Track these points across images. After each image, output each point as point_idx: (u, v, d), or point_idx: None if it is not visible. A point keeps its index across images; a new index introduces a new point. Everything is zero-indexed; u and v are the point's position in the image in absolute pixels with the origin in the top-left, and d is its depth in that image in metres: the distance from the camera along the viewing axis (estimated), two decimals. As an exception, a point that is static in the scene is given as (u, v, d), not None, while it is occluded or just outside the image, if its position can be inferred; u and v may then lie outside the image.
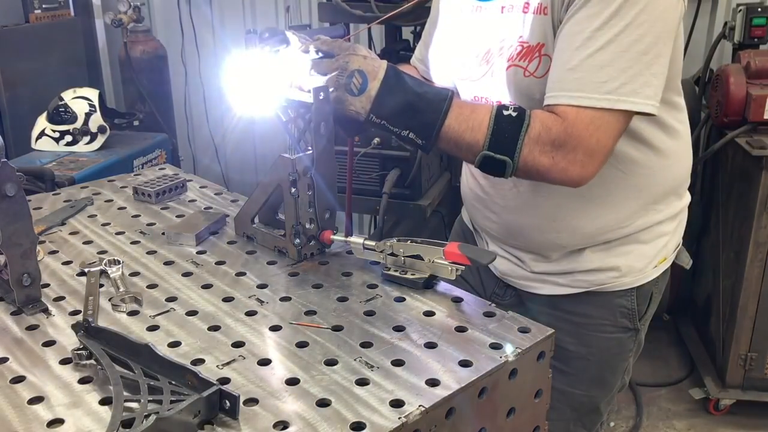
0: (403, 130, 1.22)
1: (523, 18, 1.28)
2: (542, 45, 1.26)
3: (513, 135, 1.19)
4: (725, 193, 3.02)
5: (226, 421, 0.89)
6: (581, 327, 1.48)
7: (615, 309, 1.47)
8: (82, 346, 1.01)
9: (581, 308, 1.48)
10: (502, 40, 1.32)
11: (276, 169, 1.32)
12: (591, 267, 1.44)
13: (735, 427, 2.92)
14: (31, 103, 3.41)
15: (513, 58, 1.29)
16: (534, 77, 1.27)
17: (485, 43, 1.36)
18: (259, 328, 1.11)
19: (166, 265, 1.34)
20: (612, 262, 1.43)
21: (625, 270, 1.44)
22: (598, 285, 1.45)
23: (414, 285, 1.22)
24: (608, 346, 1.50)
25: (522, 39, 1.28)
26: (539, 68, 1.26)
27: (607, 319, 1.47)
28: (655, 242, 1.46)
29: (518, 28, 1.29)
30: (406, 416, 0.89)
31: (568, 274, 1.46)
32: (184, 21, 3.96)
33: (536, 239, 1.45)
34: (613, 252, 1.43)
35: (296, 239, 1.33)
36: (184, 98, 4.09)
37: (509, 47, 1.30)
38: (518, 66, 1.29)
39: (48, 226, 1.51)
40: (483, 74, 1.38)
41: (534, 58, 1.26)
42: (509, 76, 1.31)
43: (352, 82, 1.19)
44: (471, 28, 1.40)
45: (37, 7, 3.64)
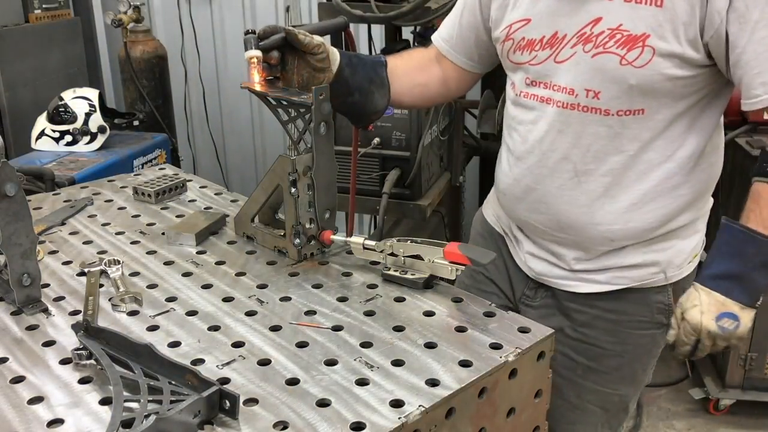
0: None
1: (624, 6, 1.26)
2: (647, 36, 1.24)
3: None
4: (725, 193, 3.02)
5: (226, 421, 0.89)
6: (618, 324, 1.48)
7: (653, 305, 1.47)
8: (82, 346, 1.01)
9: (619, 305, 1.47)
10: (588, 25, 1.29)
11: (276, 169, 1.32)
12: (632, 263, 1.44)
13: (735, 427, 2.92)
14: (31, 103, 3.42)
15: (605, 45, 1.28)
16: (632, 66, 1.26)
17: (553, 26, 1.34)
18: (259, 328, 1.11)
19: (166, 265, 1.34)
20: (652, 258, 1.44)
21: (665, 266, 1.45)
22: (638, 281, 1.45)
23: (414, 285, 1.22)
24: (643, 343, 1.51)
25: (622, 27, 1.26)
26: (639, 58, 1.25)
27: (644, 316, 1.48)
28: (692, 238, 1.49)
29: (616, 16, 1.26)
30: (406, 416, 0.89)
31: (609, 271, 1.45)
32: (184, 21, 3.96)
33: (587, 233, 1.42)
34: (654, 248, 1.43)
35: (296, 239, 1.33)
36: (184, 98, 4.09)
37: (598, 33, 1.28)
38: (613, 53, 1.27)
39: (48, 226, 1.51)
40: (545, 58, 1.36)
41: (635, 47, 1.25)
42: (596, 64, 1.29)
43: (727, 328, 1.23)
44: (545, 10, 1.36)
45: (37, 7, 3.64)
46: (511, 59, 1.43)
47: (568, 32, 1.32)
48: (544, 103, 1.37)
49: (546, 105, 1.37)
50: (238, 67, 4.07)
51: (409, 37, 2.71)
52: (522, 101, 1.43)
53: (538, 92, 1.39)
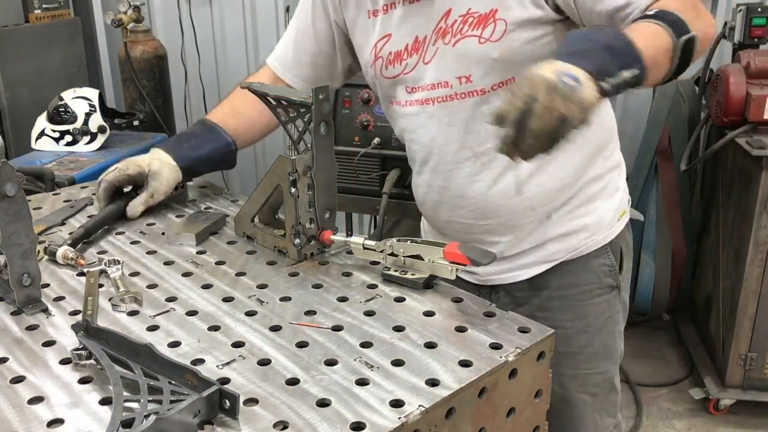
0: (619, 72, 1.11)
1: None
2: (495, 10, 1.32)
3: (676, 17, 1.18)
4: (725, 193, 3.02)
5: (226, 421, 0.89)
6: (571, 300, 1.51)
7: (597, 270, 1.51)
8: (82, 346, 1.01)
9: (565, 279, 1.50)
10: (441, 20, 1.37)
11: (276, 169, 1.32)
12: (561, 232, 1.47)
13: (735, 427, 2.92)
14: (31, 103, 3.42)
15: (461, 31, 1.35)
16: (490, 42, 1.33)
17: (412, 33, 1.41)
18: (259, 328, 1.11)
19: (166, 265, 1.34)
20: (580, 223, 1.48)
21: (594, 228, 1.49)
22: (573, 251, 1.49)
23: (414, 285, 1.22)
24: (601, 311, 1.53)
25: (472, 10, 1.34)
26: (495, 32, 1.33)
27: (593, 283, 1.51)
28: (614, 197, 1.52)
29: (462, 3, 1.34)
30: (406, 416, 0.89)
31: (541, 248, 1.49)
32: (184, 21, 3.96)
33: (508, 208, 1.45)
34: (578, 213, 1.47)
35: (296, 239, 1.33)
36: (184, 98, 4.09)
37: (451, 23, 1.36)
38: (470, 36, 1.35)
39: (48, 226, 1.51)
40: (415, 64, 1.43)
41: (488, 24, 1.33)
42: (459, 51, 1.36)
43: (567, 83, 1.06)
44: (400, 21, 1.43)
45: (37, 7, 3.64)
46: (386, 75, 1.49)
47: (427, 33, 1.40)
48: (426, 104, 1.44)
49: (428, 105, 1.44)
50: (238, 67, 4.06)
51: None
52: (408, 111, 1.48)
53: (418, 96, 1.45)
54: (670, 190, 3.21)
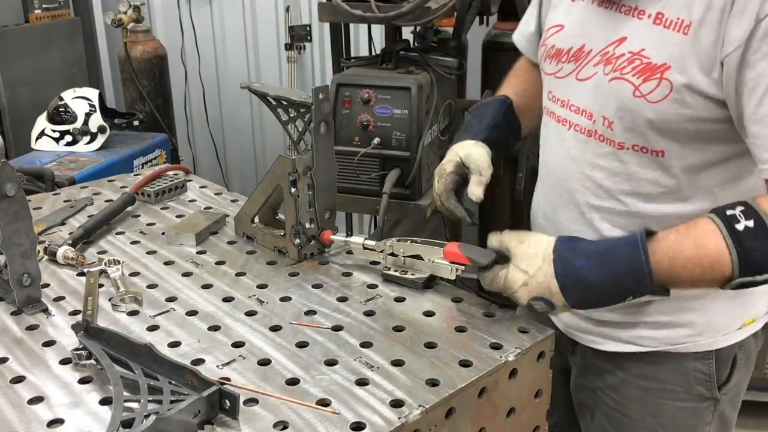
0: (618, 302, 1.08)
1: (652, 28, 1.10)
2: (668, 67, 1.08)
3: (764, 250, 1.00)
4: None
5: (226, 421, 0.89)
6: (648, 392, 1.30)
7: (689, 374, 1.28)
8: (82, 346, 1.01)
9: (649, 370, 1.29)
10: (612, 44, 1.15)
11: (276, 169, 1.32)
12: (659, 320, 1.26)
13: (735, 426, 2.92)
14: (31, 103, 3.42)
15: (622, 70, 1.13)
16: (646, 100, 1.10)
17: (583, 38, 1.21)
18: (259, 328, 1.11)
19: (166, 265, 1.34)
20: (684, 318, 1.25)
21: (701, 328, 1.26)
22: (668, 344, 1.27)
23: (414, 285, 1.22)
24: (681, 417, 1.31)
25: (644, 53, 1.10)
26: (655, 92, 1.09)
27: (679, 385, 1.29)
28: (742, 299, 1.26)
29: (642, 38, 1.11)
30: (406, 416, 0.89)
31: (632, 328, 1.28)
32: (184, 21, 3.96)
33: None
34: (686, 306, 1.24)
35: (296, 239, 1.33)
36: (184, 98, 4.09)
37: (618, 55, 1.14)
38: (627, 81, 1.12)
39: (48, 226, 1.51)
40: (569, 72, 1.23)
41: (652, 78, 1.09)
42: (611, 89, 1.15)
43: (538, 309, 1.07)
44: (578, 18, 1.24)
45: (37, 7, 3.64)
46: (543, 68, 1.32)
47: (594, 47, 1.18)
48: (562, 124, 1.25)
49: (563, 127, 1.25)
50: (238, 67, 4.07)
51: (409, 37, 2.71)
52: (545, 120, 1.32)
53: (557, 111, 1.26)
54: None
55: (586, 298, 1.07)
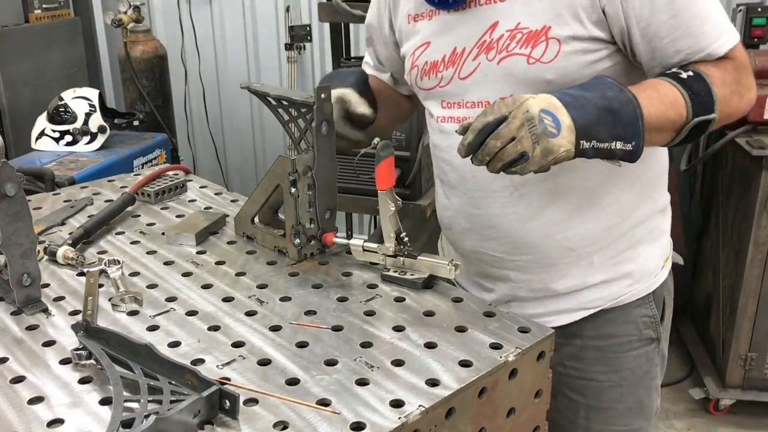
0: (611, 142, 1.09)
1: (516, 3, 1.21)
2: (548, 27, 1.18)
3: (707, 92, 1.15)
4: (725, 193, 3.02)
5: (226, 421, 0.89)
6: (607, 351, 1.38)
7: (638, 321, 1.38)
8: (82, 346, 1.01)
9: (602, 329, 1.37)
10: (485, 33, 1.24)
11: (276, 169, 1.32)
12: (602, 279, 1.35)
13: (735, 427, 2.92)
14: (31, 103, 3.42)
15: (508, 47, 1.22)
16: (541, 63, 1.20)
17: (451, 43, 1.29)
18: (259, 328, 1.11)
19: (166, 265, 1.34)
20: (622, 270, 1.35)
21: (638, 275, 1.37)
22: (613, 299, 1.36)
23: (413, 285, 1.22)
24: (639, 364, 1.40)
25: (521, 25, 1.20)
26: (546, 53, 1.19)
27: (632, 334, 1.38)
28: (659, 240, 1.41)
29: (513, 16, 1.21)
30: (406, 416, 0.89)
31: (578, 294, 1.36)
32: (184, 21, 3.96)
33: (544, 248, 1.33)
34: (621, 258, 1.35)
35: (296, 239, 1.33)
36: (184, 98, 4.10)
37: (497, 38, 1.23)
38: (516, 55, 1.21)
39: (48, 226, 1.51)
40: (450, 77, 1.30)
41: (539, 43, 1.19)
42: (503, 69, 1.23)
43: (546, 125, 1.04)
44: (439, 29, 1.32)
45: (37, 7, 3.64)
46: (421, 86, 1.38)
47: (467, 45, 1.27)
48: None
49: None
50: (238, 67, 4.07)
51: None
52: (443, 127, 1.35)
53: (455, 113, 1.32)
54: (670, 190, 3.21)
55: (588, 117, 1.06)
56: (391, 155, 1.19)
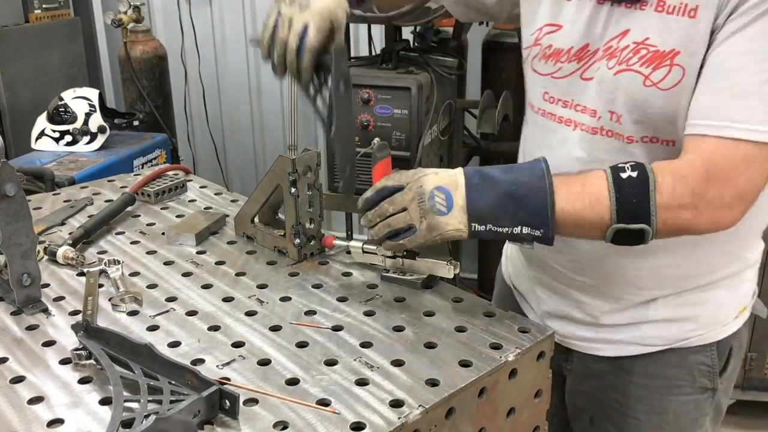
0: (514, 227, 1.05)
1: (654, 16, 1.09)
2: (677, 53, 1.06)
3: (642, 199, 1.02)
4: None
5: (226, 421, 0.89)
6: (654, 391, 1.30)
7: (693, 367, 1.28)
8: (82, 346, 1.01)
9: (654, 369, 1.29)
10: (615, 38, 1.13)
11: (276, 169, 1.32)
12: (664, 317, 1.26)
13: (735, 427, 2.92)
14: (31, 103, 3.42)
15: (628, 61, 1.11)
16: (657, 88, 1.09)
17: (585, 37, 1.17)
18: (259, 328, 1.11)
19: (166, 265, 1.34)
20: (687, 312, 1.26)
21: (704, 321, 1.26)
22: (672, 341, 1.27)
23: (413, 286, 1.22)
24: (685, 411, 1.31)
25: (649, 41, 1.09)
26: (666, 79, 1.07)
27: (683, 380, 1.29)
28: (737, 288, 1.29)
29: (644, 28, 1.10)
30: (406, 416, 0.89)
31: (636, 328, 1.28)
32: (184, 21, 3.96)
33: (612, 277, 1.25)
34: (688, 300, 1.25)
35: (296, 239, 1.33)
36: (184, 98, 4.09)
37: (622, 48, 1.12)
38: (636, 72, 1.10)
39: (48, 226, 1.51)
40: (570, 72, 1.20)
41: (662, 65, 1.08)
42: (619, 82, 1.12)
43: (436, 203, 1.04)
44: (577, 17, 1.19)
45: (37, 7, 3.64)
46: (534, 68, 1.26)
47: (598, 45, 1.16)
48: (565, 125, 1.21)
49: (567, 128, 1.21)
50: (238, 67, 4.07)
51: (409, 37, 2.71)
52: (540, 121, 1.26)
53: (558, 112, 1.22)
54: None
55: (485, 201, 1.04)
56: (388, 156, 1.19)
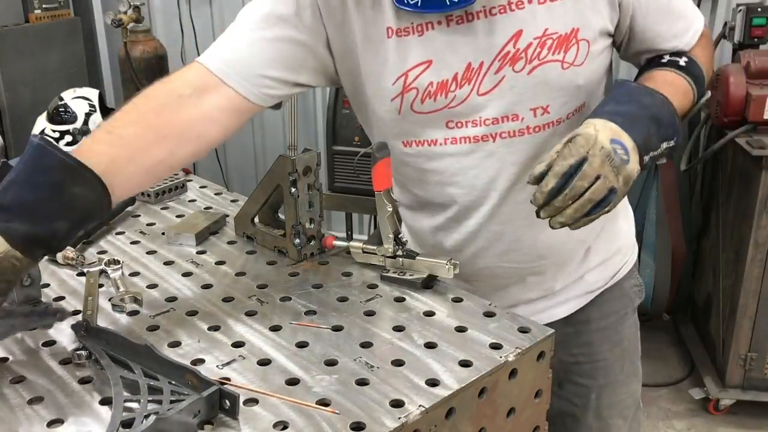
0: (660, 146, 1.10)
1: (541, 9, 1.15)
2: (577, 30, 1.16)
3: (701, 74, 1.24)
4: (725, 193, 3.02)
5: (226, 421, 0.89)
6: (610, 328, 1.44)
7: (630, 292, 1.45)
8: (82, 346, 1.01)
9: (605, 308, 1.43)
10: (509, 43, 1.17)
11: (276, 169, 1.32)
12: (600, 260, 1.40)
13: (735, 427, 2.92)
14: (31, 103, 3.42)
15: (540, 56, 1.17)
16: (575, 66, 1.18)
17: (464, 59, 1.18)
18: (259, 328, 1.11)
19: (166, 265, 1.34)
20: (613, 247, 1.41)
21: (625, 249, 1.44)
22: (611, 278, 1.42)
23: (412, 285, 1.22)
24: (632, 332, 1.48)
25: (549, 31, 1.16)
26: (579, 55, 1.18)
27: (627, 306, 1.46)
28: (629, 211, 1.48)
29: (537, 23, 1.15)
30: (406, 416, 0.89)
31: (580, 280, 1.40)
32: (184, 21, 3.96)
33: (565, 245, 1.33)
34: (609, 237, 1.40)
35: (296, 239, 1.33)
36: (184, 98, 4.09)
37: (527, 47, 1.16)
38: (551, 61, 1.17)
39: (48, 226, 1.51)
40: (468, 95, 1.20)
41: (570, 46, 1.17)
42: (535, 78, 1.18)
43: (619, 155, 1.04)
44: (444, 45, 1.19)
45: (37, 7, 3.64)
46: (420, 110, 1.22)
47: (485, 59, 1.18)
48: (482, 141, 1.22)
49: (487, 142, 1.22)
50: (238, 67, 4.06)
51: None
52: (450, 150, 1.24)
53: (468, 133, 1.22)
54: (670, 190, 3.21)
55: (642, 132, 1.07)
56: (388, 156, 1.19)
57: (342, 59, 1.24)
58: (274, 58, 1.21)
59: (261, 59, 1.21)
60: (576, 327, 1.43)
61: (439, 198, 1.31)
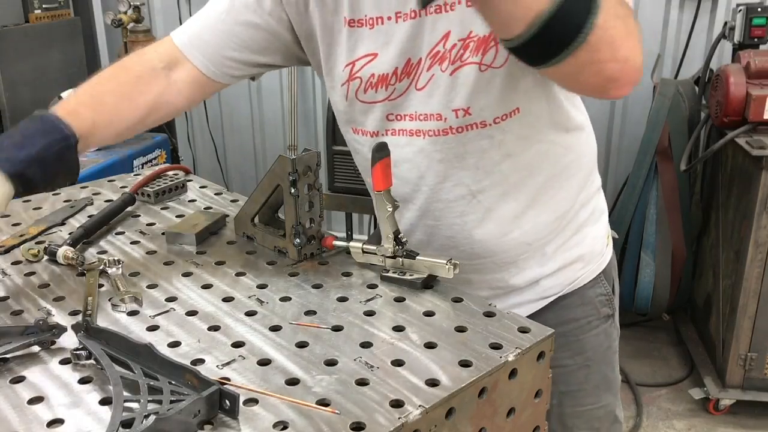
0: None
1: (468, 11, 1.16)
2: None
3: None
4: (725, 193, 3.02)
5: (226, 421, 0.89)
6: (569, 336, 1.43)
7: (594, 300, 1.44)
8: (82, 346, 1.01)
9: (563, 315, 1.42)
10: (439, 43, 1.20)
11: (276, 169, 1.32)
12: (557, 267, 1.40)
13: (735, 427, 2.92)
14: (31, 103, 3.42)
15: (462, 57, 1.19)
16: (493, 68, 1.18)
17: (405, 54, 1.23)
18: (259, 328, 1.11)
19: (166, 265, 1.34)
20: (574, 254, 1.41)
21: (588, 257, 1.43)
22: (569, 284, 1.42)
23: (412, 285, 1.22)
24: (599, 342, 1.46)
25: (473, 33, 1.17)
26: (497, 57, 1.17)
27: (590, 315, 1.44)
28: (601, 220, 1.47)
29: (463, 24, 1.17)
30: (406, 416, 0.89)
31: (536, 284, 1.41)
32: (184, 21, 3.96)
33: (504, 245, 1.35)
34: (570, 243, 1.40)
35: (296, 239, 1.33)
36: (184, 98, 4.09)
37: (451, 48, 1.19)
38: (470, 63, 1.18)
39: (48, 226, 1.51)
40: (406, 89, 1.25)
41: (489, 48, 1.17)
42: (456, 80, 1.21)
43: None
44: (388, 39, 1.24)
45: (37, 7, 3.64)
46: (363, 99, 1.30)
47: (422, 55, 1.22)
48: (414, 136, 1.28)
49: (417, 138, 1.27)
50: (238, 67, 4.06)
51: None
52: (390, 141, 1.26)
53: (406, 126, 1.28)
54: (670, 190, 3.22)
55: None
56: (388, 156, 1.19)
57: (306, 42, 1.33)
58: (235, 42, 1.34)
59: (222, 41, 1.35)
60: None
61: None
